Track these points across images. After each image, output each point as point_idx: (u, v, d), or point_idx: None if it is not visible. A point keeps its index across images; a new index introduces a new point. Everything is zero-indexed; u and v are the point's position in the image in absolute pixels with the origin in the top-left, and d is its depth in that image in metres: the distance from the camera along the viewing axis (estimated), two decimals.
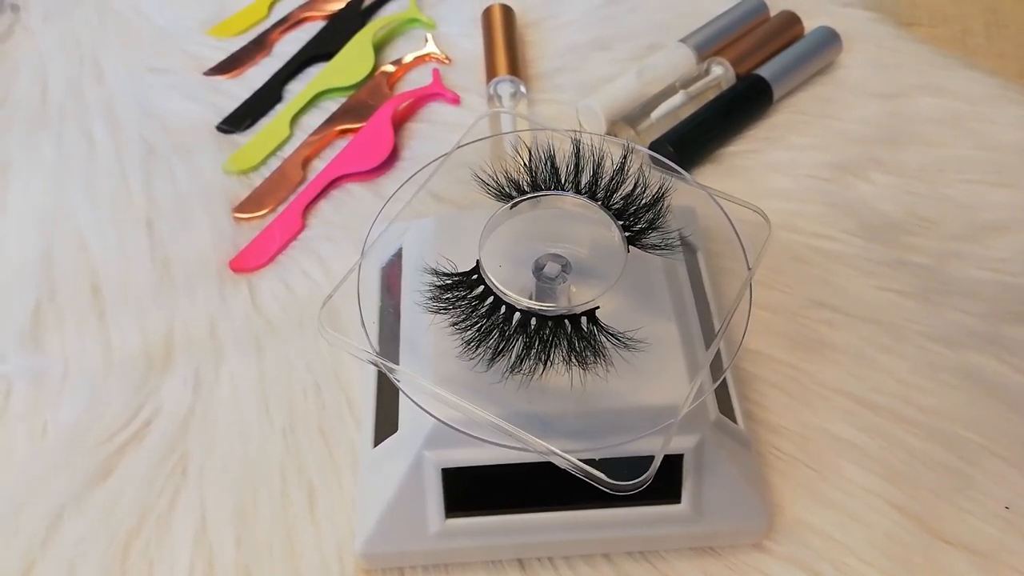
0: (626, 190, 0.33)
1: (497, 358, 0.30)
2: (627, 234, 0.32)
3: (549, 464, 0.31)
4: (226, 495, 0.36)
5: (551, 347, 0.30)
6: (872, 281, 0.43)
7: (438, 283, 0.31)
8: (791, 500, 0.36)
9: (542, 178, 0.33)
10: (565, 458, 0.28)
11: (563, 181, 0.33)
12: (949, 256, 0.45)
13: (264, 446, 0.38)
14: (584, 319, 0.30)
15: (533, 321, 0.30)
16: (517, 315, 0.30)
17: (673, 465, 0.32)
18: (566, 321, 0.30)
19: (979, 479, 0.36)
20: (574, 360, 0.30)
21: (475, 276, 0.31)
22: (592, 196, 0.33)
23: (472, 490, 0.32)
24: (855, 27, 0.57)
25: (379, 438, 0.34)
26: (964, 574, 0.34)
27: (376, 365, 0.32)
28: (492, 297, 0.30)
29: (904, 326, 0.42)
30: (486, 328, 0.30)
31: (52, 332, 0.42)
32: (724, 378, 0.37)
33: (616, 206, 0.32)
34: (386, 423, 0.34)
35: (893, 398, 0.39)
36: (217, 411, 0.39)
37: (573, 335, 0.30)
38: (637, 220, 0.32)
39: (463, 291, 0.31)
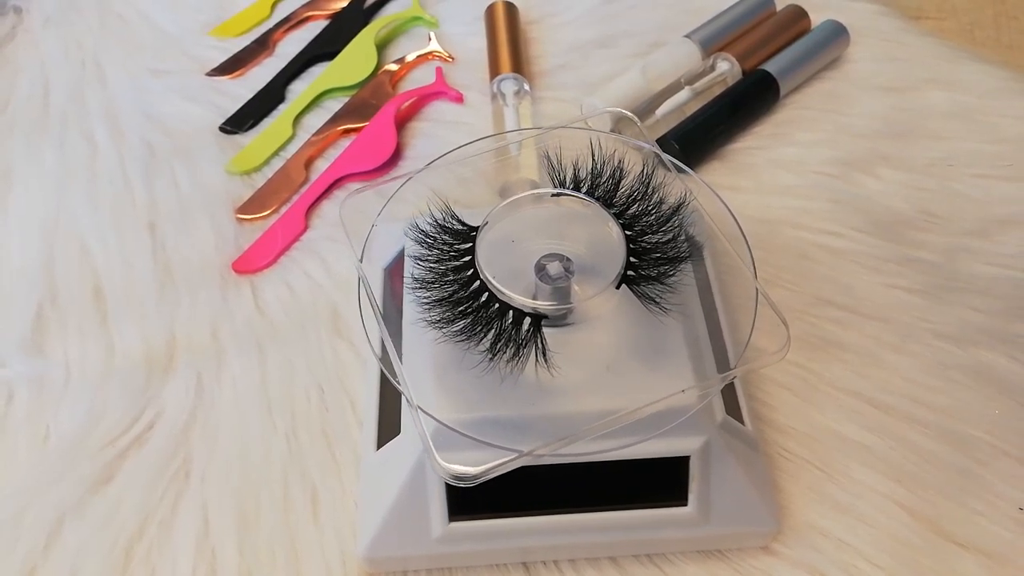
0: (661, 239, 0.32)
1: (436, 308, 0.30)
2: (629, 272, 0.31)
3: (553, 467, 0.31)
4: (228, 499, 0.36)
5: (484, 327, 0.30)
6: (880, 279, 0.43)
7: (441, 221, 0.32)
8: (799, 502, 0.35)
9: (604, 188, 0.33)
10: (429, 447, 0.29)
11: (614, 200, 0.33)
12: (959, 252, 0.44)
13: (266, 450, 0.38)
14: (527, 320, 0.30)
15: (484, 296, 0.30)
16: (477, 283, 0.30)
17: (679, 467, 0.32)
18: (510, 312, 0.30)
19: (991, 480, 0.36)
20: (493, 348, 0.30)
21: (473, 233, 0.32)
22: (629, 227, 0.32)
23: (475, 493, 0.31)
24: (862, 21, 0.57)
25: (381, 441, 0.34)
26: None
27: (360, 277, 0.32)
28: (469, 258, 0.31)
29: (913, 324, 0.41)
30: (447, 279, 0.31)
31: (54, 337, 0.42)
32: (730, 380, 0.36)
33: (644, 245, 0.32)
34: (388, 426, 0.34)
35: (902, 397, 0.38)
36: (219, 415, 0.39)
37: (506, 328, 0.30)
38: (650, 266, 0.31)
39: (454, 240, 0.32)
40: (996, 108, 0.51)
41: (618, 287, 0.31)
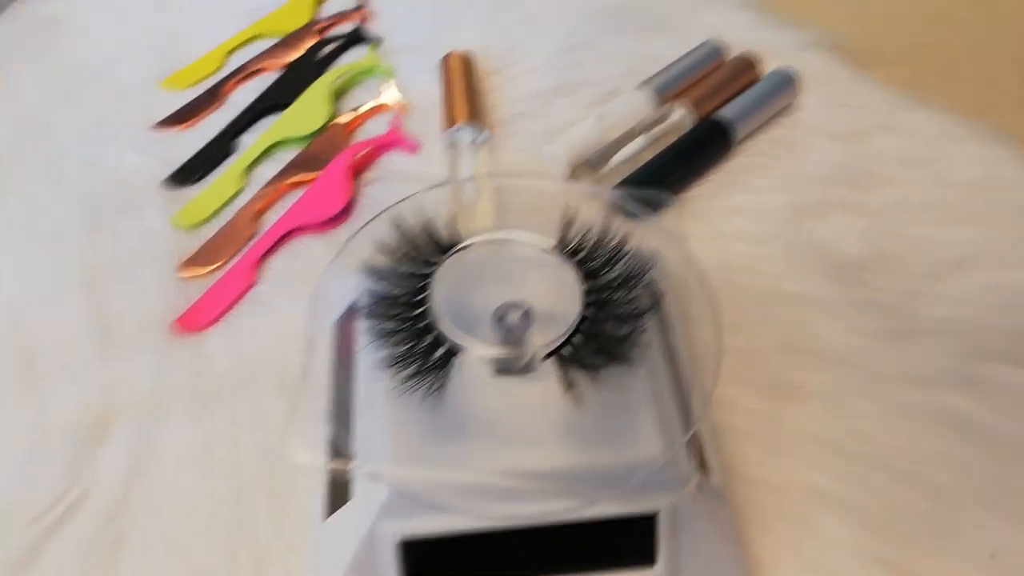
0: (615, 331, 0.31)
1: (378, 301, 0.31)
2: (562, 352, 0.30)
3: (518, 532, 0.29)
4: (168, 574, 0.34)
5: (406, 338, 0.30)
6: (841, 323, 0.43)
7: (429, 225, 0.32)
8: (773, 558, 0.34)
9: (596, 262, 0.32)
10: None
11: (599, 275, 0.32)
12: (916, 295, 0.44)
13: (210, 518, 0.36)
14: (443, 349, 0.30)
15: (420, 310, 0.30)
16: (421, 311, 0.30)
17: (647, 526, 0.30)
18: (432, 335, 0.30)
19: (963, 527, 0.35)
20: (398, 359, 0.30)
21: (444, 252, 0.32)
22: (599, 305, 0.31)
23: (435, 564, 0.30)
24: (811, 69, 0.57)
25: (330, 509, 0.32)
26: None
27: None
28: (431, 271, 0.31)
29: (876, 368, 0.41)
30: (400, 280, 0.31)
31: None
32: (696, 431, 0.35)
33: (597, 331, 0.31)
34: (337, 492, 0.32)
35: (871, 444, 0.38)
36: (159, 482, 0.37)
37: (422, 348, 0.30)
38: (587, 354, 0.30)
39: (432, 249, 0.32)
40: (945, 153, 0.52)
41: (545, 358, 0.30)
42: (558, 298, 0.32)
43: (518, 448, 0.29)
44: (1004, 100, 0.61)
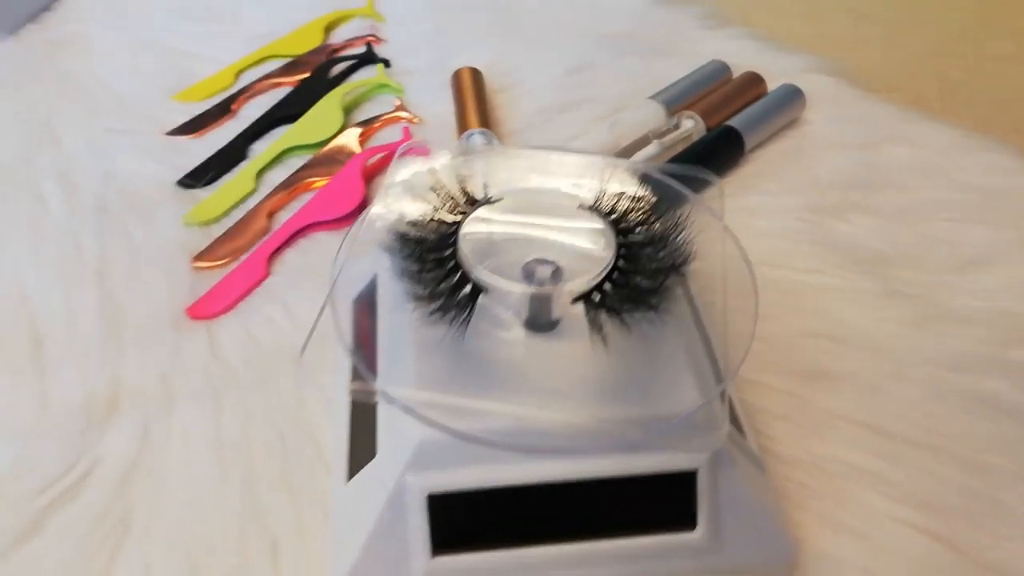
0: (643, 282, 0.30)
1: (410, 243, 0.30)
2: (594, 295, 0.30)
3: (550, 488, 0.28)
4: (176, 555, 0.32)
5: (435, 277, 0.30)
6: (867, 312, 0.42)
7: (450, 191, 0.32)
8: (813, 532, 0.32)
9: (632, 219, 0.32)
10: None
11: (632, 232, 0.31)
12: (941, 287, 0.43)
13: (220, 501, 0.34)
14: (469, 287, 0.29)
15: (449, 251, 0.30)
16: (450, 252, 0.30)
17: (686, 484, 0.29)
18: (460, 273, 0.29)
19: (1012, 503, 0.33)
20: (426, 294, 0.30)
21: (474, 204, 0.31)
22: (630, 259, 0.30)
23: (463, 521, 0.28)
24: (816, 90, 0.58)
25: (354, 470, 0.30)
26: None
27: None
28: (460, 218, 0.31)
29: (907, 353, 0.40)
30: (434, 226, 0.31)
31: None
32: (731, 401, 0.34)
33: (630, 282, 0.30)
34: (362, 452, 0.30)
35: (907, 424, 0.36)
36: (167, 465, 0.35)
37: (451, 292, 0.29)
38: (618, 300, 0.30)
39: (463, 202, 0.32)
40: (957, 162, 0.52)
41: (574, 302, 0.29)
42: (589, 253, 0.31)
43: (549, 400, 0.28)
44: (1001, 123, 0.63)
